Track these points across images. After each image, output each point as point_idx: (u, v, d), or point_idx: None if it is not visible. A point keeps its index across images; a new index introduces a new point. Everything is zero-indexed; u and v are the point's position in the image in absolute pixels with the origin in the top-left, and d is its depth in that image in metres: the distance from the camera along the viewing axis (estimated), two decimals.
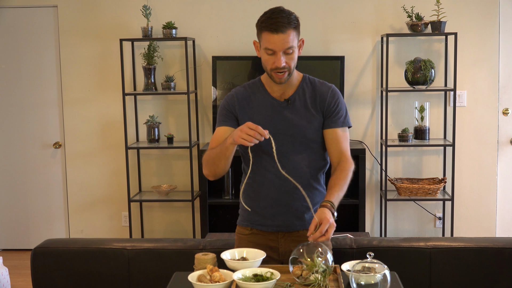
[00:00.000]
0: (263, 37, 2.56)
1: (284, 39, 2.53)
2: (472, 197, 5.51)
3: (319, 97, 2.70)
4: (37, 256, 3.23)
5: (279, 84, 2.64)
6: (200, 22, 5.47)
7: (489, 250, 3.13)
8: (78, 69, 5.59)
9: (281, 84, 2.64)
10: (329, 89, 2.72)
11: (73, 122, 5.66)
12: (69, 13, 5.55)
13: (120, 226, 5.72)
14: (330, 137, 2.70)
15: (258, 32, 2.61)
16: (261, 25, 2.57)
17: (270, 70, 2.60)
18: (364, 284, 2.31)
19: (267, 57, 2.58)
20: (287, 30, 2.53)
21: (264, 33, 2.56)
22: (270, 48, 2.55)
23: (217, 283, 2.30)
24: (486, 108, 5.43)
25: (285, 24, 2.52)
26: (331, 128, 2.70)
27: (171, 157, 5.63)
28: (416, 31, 5.15)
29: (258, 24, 2.59)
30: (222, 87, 5.31)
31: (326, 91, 2.72)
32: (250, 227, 2.77)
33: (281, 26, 2.51)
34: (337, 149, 2.70)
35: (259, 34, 2.60)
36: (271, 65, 2.58)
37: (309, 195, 2.66)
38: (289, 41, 2.54)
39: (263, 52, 2.60)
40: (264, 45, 2.56)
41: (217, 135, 2.73)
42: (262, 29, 2.56)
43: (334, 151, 2.70)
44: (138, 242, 3.28)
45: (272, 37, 2.53)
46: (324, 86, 2.74)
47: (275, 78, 2.61)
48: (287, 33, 2.53)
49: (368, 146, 5.45)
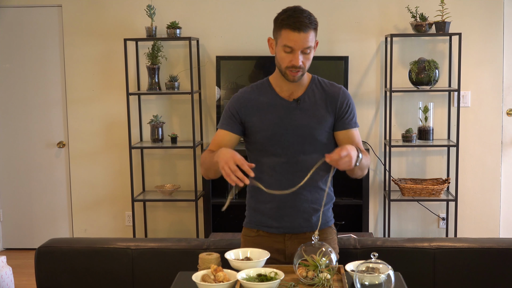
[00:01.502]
0: (283, 34, 2.55)
1: (305, 39, 2.53)
2: (476, 197, 5.50)
3: (330, 98, 2.69)
4: (41, 256, 3.23)
5: (292, 82, 2.63)
6: (204, 22, 5.48)
7: (493, 251, 3.13)
8: (82, 69, 5.60)
9: (294, 82, 2.63)
10: (339, 90, 2.72)
11: (77, 122, 5.66)
12: (73, 13, 5.55)
13: (124, 225, 5.72)
14: (345, 138, 2.70)
15: (276, 29, 2.59)
16: (282, 22, 2.56)
17: (285, 68, 2.59)
18: (368, 285, 2.31)
19: (284, 55, 2.57)
20: (309, 30, 2.53)
21: (284, 30, 2.54)
22: (290, 46, 2.54)
23: (221, 283, 2.30)
24: (490, 108, 5.42)
25: (307, 23, 2.53)
26: (345, 130, 2.70)
27: (175, 157, 5.63)
28: (420, 32, 5.15)
29: (278, 22, 2.57)
30: (226, 87, 5.31)
31: (337, 92, 2.71)
32: (256, 229, 2.76)
33: (304, 25, 2.52)
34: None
35: (277, 31, 2.58)
36: (288, 63, 2.57)
37: (316, 197, 2.67)
38: (309, 41, 2.54)
39: (280, 49, 2.58)
40: (283, 42, 2.55)
41: (217, 137, 2.73)
42: (283, 26, 2.55)
43: None
44: (142, 242, 3.28)
45: (293, 35, 2.52)
46: (334, 87, 2.73)
47: (289, 76, 2.60)
48: (308, 33, 2.53)
49: (371, 146, 5.45)
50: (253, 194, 2.76)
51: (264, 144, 2.67)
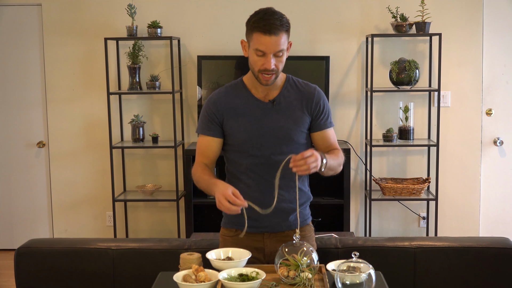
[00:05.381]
0: (254, 37, 2.52)
1: (276, 42, 2.50)
2: (456, 197, 5.54)
3: (306, 98, 2.69)
4: (21, 256, 3.21)
5: (265, 85, 2.62)
6: (185, 22, 5.46)
7: (473, 250, 3.15)
8: (62, 68, 5.56)
9: (267, 86, 2.63)
10: (315, 90, 2.72)
11: (57, 122, 5.62)
12: (53, 12, 5.51)
13: (105, 226, 5.69)
14: (321, 139, 2.72)
15: (248, 31, 2.57)
16: (252, 25, 2.53)
17: (258, 72, 2.57)
18: (349, 284, 2.32)
19: (256, 58, 2.55)
20: (280, 33, 2.50)
21: (255, 34, 2.52)
22: (261, 50, 2.52)
23: (202, 283, 2.30)
24: (470, 108, 5.46)
25: (278, 26, 2.49)
26: (320, 131, 2.71)
27: (156, 157, 5.61)
28: (401, 32, 5.18)
29: (250, 24, 2.55)
30: (207, 87, 5.30)
31: (312, 92, 2.71)
32: (235, 229, 2.76)
33: (274, 28, 2.49)
34: (330, 148, 2.72)
35: (249, 34, 2.56)
36: (260, 67, 2.55)
37: (294, 196, 2.67)
38: (280, 44, 2.52)
39: (252, 53, 2.56)
40: (255, 46, 2.53)
41: (201, 145, 2.73)
42: (254, 29, 2.52)
43: (325, 149, 2.70)
44: (123, 242, 3.26)
45: (264, 39, 2.50)
46: (309, 87, 2.73)
47: (261, 80, 2.59)
48: (279, 36, 2.50)
49: (352, 146, 5.47)
50: None
51: (241, 145, 2.67)
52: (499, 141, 5.51)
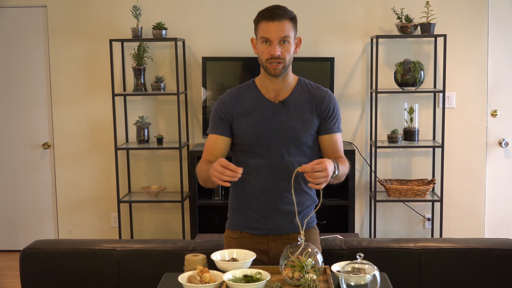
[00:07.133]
0: (260, 27, 2.59)
1: (280, 27, 2.55)
2: (461, 198, 5.53)
3: (316, 101, 2.69)
4: (26, 257, 3.21)
5: (274, 76, 2.62)
6: (190, 23, 5.47)
7: (478, 251, 3.14)
8: (67, 70, 5.57)
9: (276, 76, 2.62)
10: (326, 94, 2.72)
11: (62, 123, 5.64)
12: (59, 13, 5.53)
13: (109, 227, 5.70)
14: (328, 143, 2.71)
15: (255, 25, 2.63)
16: (258, 18, 2.61)
17: (266, 61, 2.59)
18: (354, 285, 2.31)
19: (262, 48, 2.59)
20: (283, 19, 2.56)
21: (260, 23, 2.58)
22: (266, 37, 2.56)
23: (207, 284, 2.30)
24: (475, 109, 5.45)
25: (282, 13, 2.56)
26: (328, 134, 2.70)
27: (161, 158, 5.62)
28: (406, 33, 5.17)
29: (256, 19, 2.62)
30: (212, 88, 5.31)
31: (323, 95, 2.71)
32: (239, 231, 2.76)
33: (277, 15, 2.55)
34: (335, 155, 2.70)
35: (256, 28, 2.62)
36: (267, 55, 2.58)
37: (300, 199, 2.67)
38: (285, 29, 2.56)
39: (259, 44, 2.61)
40: (260, 34, 2.58)
41: (209, 143, 2.73)
42: (259, 20, 2.59)
43: (331, 156, 2.68)
44: (128, 243, 3.27)
45: (268, 26, 2.56)
46: (321, 90, 2.73)
47: (270, 69, 2.60)
48: (282, 22, 2.56)
49: (357, 147, 5.47)
50: (236, 196, 2.76)
51: (249, 145, 2.67)
52: (504, 142, 5.50)
